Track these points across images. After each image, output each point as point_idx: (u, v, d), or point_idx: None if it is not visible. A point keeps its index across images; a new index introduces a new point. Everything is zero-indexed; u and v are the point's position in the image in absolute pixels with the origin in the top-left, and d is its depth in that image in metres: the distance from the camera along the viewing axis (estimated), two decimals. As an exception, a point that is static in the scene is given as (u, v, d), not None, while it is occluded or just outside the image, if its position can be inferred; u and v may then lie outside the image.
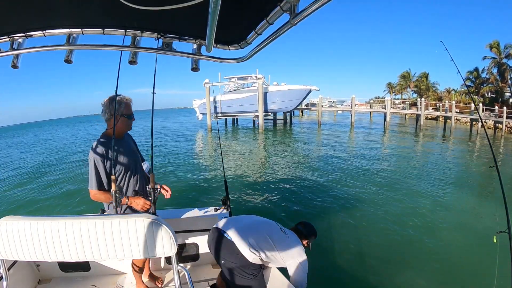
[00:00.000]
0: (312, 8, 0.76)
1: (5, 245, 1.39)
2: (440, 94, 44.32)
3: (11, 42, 1.33)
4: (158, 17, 1.21)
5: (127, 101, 2.24)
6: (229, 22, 1.14)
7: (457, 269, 4.34)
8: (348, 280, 4.02)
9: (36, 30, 1.31)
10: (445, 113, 27.67)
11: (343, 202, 7.17)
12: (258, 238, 1.98)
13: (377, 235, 5.42)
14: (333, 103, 38.82)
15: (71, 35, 1.33)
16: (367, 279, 4.04)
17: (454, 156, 15.31)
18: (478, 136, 22.22)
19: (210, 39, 1.11)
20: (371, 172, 10.49)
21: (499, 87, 33.50)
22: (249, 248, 1.93)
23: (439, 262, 4.45)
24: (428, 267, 4.35)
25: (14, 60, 1.43)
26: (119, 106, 2.17)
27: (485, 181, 9.24)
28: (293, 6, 0.84)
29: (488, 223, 5.62)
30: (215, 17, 0.84)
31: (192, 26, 1.31)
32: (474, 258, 4.54)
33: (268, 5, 0.95)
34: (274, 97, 26.41)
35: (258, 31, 1.14)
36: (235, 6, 1.03)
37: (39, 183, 10.13)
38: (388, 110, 28.19)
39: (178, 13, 1.02)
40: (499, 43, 32.68)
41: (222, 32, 1.17)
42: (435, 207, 6.93)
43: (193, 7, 0.88)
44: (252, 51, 1.28)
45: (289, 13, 0.87)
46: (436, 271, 4.23)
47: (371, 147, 17.12)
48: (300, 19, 0.82)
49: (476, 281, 3.94)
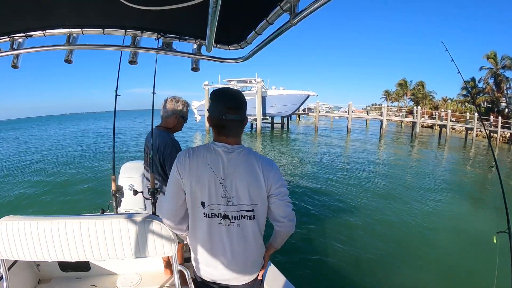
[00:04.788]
0: (312, 8, 0.76)
1: (5, 245, 1.39)
2: (436, 102, 44.73)
3: (11, 42, 1.32)
4: (158, 17, 1.21)
5: (188, 106, 2.37)
6: (229, 22, 1.14)
7: (457, 269, 4.37)
8: (348, 281, 4.04)
9: (36, 30, 1.30)
10: (441, 122, 27.92)
11: (340, 205, 7.19)
12: None
13: (377, 236, 5.44)
14: (330, 109, 39.03)
15: (71, 35, 1.33)
16: (368, 279, 4.07)
17: (451, 163, 15.44)
18: (473, 145, 22.42)
19: (210, 39, 1.11)
20: (367, 177, 10.52)
21: (495, 97, 33.89)
22: None
23: (439, 262, 4.48)
24: (428, 267, 4.37)
25: (14, 60, 1.43)
26: (183, 108, 2.28)
27: (483, 184, 9.27)
28: (293, 6, 0.85)
29: (487, 223, 5.67)
30: (215, 17, 0.84)
31: (192, 26, 1.32)
32: (474, 258, 4.57)
33: (268, 5, 0.96)
34: (272, 101, 26.53)
35: (258, 31, 1.14)
36: (235, 6, 1.03)
37: (39, 183, 10.03)
38: (384, 117, 28.40)
39: (178, 13, 1.02)
40: (496, 53, 33.17)
41: (222, 32, 1.17)
42: (434, 209, 7.00)
43: (193, 7, 0.89)
44: (252, 51, 1.28)
45: (289, 13, 0.88)
46: (436, 271, 4.25)
47: (367, 153, 17.19)
48: (300, 19, 0.82)
49: (476, 281, 3.95)
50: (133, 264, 2.59)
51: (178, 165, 1.17)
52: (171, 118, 2.25)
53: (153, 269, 2.65)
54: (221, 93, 1.15)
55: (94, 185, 9.17)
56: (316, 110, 31.23)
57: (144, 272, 2.60)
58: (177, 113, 2.25)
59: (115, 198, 2.67)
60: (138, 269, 2.60)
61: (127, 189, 2.96)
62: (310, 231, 5.66)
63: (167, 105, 2.26)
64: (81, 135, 29.56)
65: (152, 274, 2.59)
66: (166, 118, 2.26)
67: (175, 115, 2.25)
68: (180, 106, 2.26)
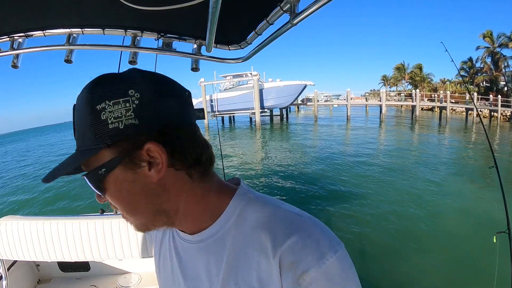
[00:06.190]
0: (312, 8, 0.77)
1: (5, 245, 1.39)
2: (435, 85, 44.48)
3: (11, 42, 1.32)
4: (158, 17, 1.21)
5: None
6: (229, 22, 1.14)
7: (457, 269, 4.34)
8: None
9: (36, 30, 1.30)
10: (441, 104, 27.83)
11: (342, 195, 7.22)
12: None
13: (377, 236, 5.42)
14: (328, 97, 38.85)
15: (71, 35, 1.33)
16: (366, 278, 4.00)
17: (451, 149, 15.27)
18: (474, 126, 22.34)
19: (210, 39, 1.12)
20: (367, 166, 10.52)
21: (494, 76, 33.66)
22: None
23: (439, 262, 4.45)
24: (428, 267, 4.34)
25: (14, 60, 1.43)
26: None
27: (484, 179, 9.16)
28: (293, 6, 0.85)
29: (487, 223, 5.64)
30: (215, 17, 0.85)
31: (192, 26, 1.32)
32: (474, 258, 4.51)
33: (268, 5, 0.96)
34: (269, 93, 26.42)
35: (258, 31, 1.15)
36: (235, 6, 1.04)
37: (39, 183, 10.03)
38: (383, 103, 28.32)
39: (178, 13, 1.03)
40: (492, 32, 32.80)
41: (222, 32, 1.18)
42: (434, 206, 6.87)
43: (193, 7, 0.90)
44: (252, 51, 1.29)
45: (289, 13, 0.88)
46: (436, 271, 4.22)
47: (368, 140, 17.17)
48: (300, 19, 0.83)
49: (476, 281, 3.92)
50: (133, 264, 2.59)
51: None
52: None
53: (153, 269, 2.68)
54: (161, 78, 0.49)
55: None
56: (315, 100, 31.09)
57: (144, 272, 2.60)
58: None
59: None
60: (138, 269, 2.61)
61: None
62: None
63: None
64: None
65: (152, 274, 2.58)
66: None
67: None
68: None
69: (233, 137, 22.69)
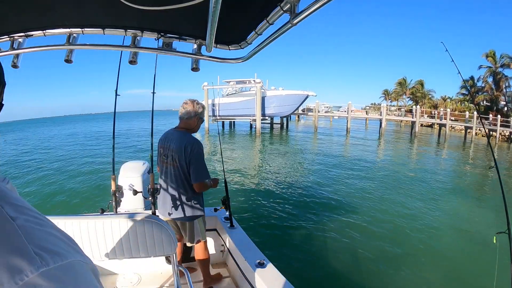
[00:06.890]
0: (312, 8, 0.76)
1: None
2: (435, 101, 44.80)
3: (11, 42, 1.32)
4: (158, 17, 1.21)
5: (204, 108, 2.51)
6: (229, 22, 1.14)
7: (457, 270, 4.39)
8: (348, 281, 4.05)
9: (36, 30, 1.30)
10: (440, 121, 27.97)
11: (339, 205, 7.18)
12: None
13: (377, 236, 5.45)
14: (329, 109, 39.05)
15: (71, 35, 1.33)
16: (368, 278, 4.09)
17: (450, 161, 15.45)
18: (472, 144, 22.44)
19: (210, 39, 1.12)
20: (367, 177, 10.53)
21: (494, 95, 33.97)
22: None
23: (439, 262, 4.50)
24: (429, 267, 4.38)
25: (14, 60, 1.43)
26: (202, 110, 2.44)
27: (483, 184, 9.28)
28: (293, 6, 0.85)
29: (487, 224, 5.67)
30: (215, 17, 0.85)
31: (192, 26, 1.31)
32: (474, 258, 4.60)
33: (268, 5, 0.96)
34: (271, 101, 26.54)
35: (258, 31, 1.14)
36: (235, 6, 1.04)
37: (39, 182, 10.00)
38: (383, 117, 28.43)
39: (178, 13, 1.02)
40: (495, 52, 33.29)
41: (222, 32, 1.18)
42: (434, 209, 7.00)
43: (193, 7, 0.89)
44: (252, 51, 1.28)
45: (289, 13, 0.88)
46: (436, 272, 4.26)
47: (367, 153, 17.20)
48: (300, 19, 0.82)
49: (476, 281, 3.98)
50: (133, 264, 2.61)
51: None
52: (193, 119, 2.38)
53: (153, 269, 2.66)
54: None
55: (93, 185, 9.18)
56: (316, 110, 31.24)
57: (144, 272, 2.61)
58: (198, 114, 2.40)
59: (115, 198, 2.68)
60: (138, 269, 2.62)
61: (126, 189, 2.97)
62: (309, 231, 5.67)
63: (188, 107, 2.38)
64: (82, 136, 29.55)
65: (152, 274, 2.60)
66: (188, 119, 2.38)
67: (196, 117, 2.39)
68: (200, 108, 2.41)
69: (233, 142, 22.71)
